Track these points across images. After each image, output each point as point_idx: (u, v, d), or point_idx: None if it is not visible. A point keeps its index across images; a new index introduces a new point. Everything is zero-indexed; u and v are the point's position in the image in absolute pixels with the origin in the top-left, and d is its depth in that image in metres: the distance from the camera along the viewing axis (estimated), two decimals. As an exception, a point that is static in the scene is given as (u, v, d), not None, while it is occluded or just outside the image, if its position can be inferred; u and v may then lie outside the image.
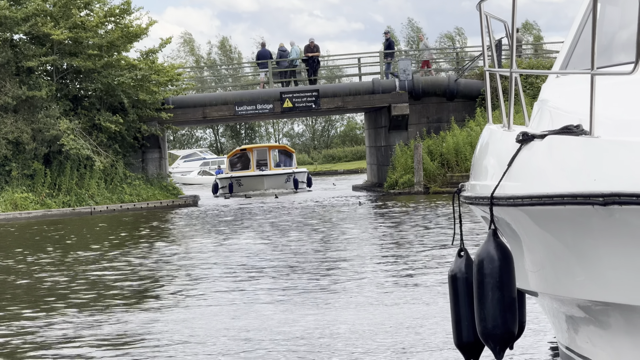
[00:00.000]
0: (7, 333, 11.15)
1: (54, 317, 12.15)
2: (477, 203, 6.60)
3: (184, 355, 9.41)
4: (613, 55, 6.89)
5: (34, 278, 16.59)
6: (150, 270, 16.94)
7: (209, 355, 9.34)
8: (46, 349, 10.12)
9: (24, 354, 9.93)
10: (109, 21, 40.36)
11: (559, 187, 5.32)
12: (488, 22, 6.87)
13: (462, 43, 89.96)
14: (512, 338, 6.25)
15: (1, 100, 37.37)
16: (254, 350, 9.43)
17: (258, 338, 10.03)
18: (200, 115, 42.09)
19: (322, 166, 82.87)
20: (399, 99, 40.84)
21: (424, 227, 22.33)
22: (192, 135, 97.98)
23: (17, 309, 13.14)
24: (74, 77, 40.70)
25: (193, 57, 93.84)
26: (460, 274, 6.75)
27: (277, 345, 9.62)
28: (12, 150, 37.48)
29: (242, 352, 9.41)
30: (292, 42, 44.79)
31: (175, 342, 10.06)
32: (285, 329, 10.43)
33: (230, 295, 13.32)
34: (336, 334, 10.00)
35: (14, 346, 10.34)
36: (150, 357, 9.46)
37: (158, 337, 10.43)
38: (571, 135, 5.44)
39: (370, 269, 15.56)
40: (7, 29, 38.01)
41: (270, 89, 42.91)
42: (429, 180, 37.98)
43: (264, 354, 9.26)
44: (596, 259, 5.49)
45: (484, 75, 7.30)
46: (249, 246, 20.38)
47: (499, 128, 6.92)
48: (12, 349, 10.21)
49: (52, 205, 36.82)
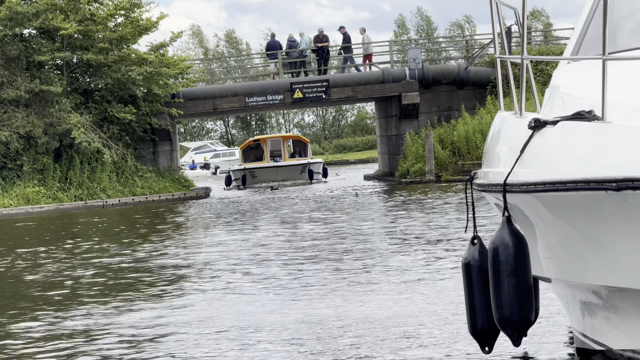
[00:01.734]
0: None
1: (75, 309, 12.23)
2: (490, 190, 6.60)
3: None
4: (624, 40, 6.88)
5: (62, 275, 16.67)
6: (174, 262, 16.99)
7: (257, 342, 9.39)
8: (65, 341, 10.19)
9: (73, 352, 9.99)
10: (119, 14, 40.37)
11: (571, 173, 5.32)
12: (498, 9, 6.87)
13: (471, 31, 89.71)
14: (529, 324, 6.26)
15: (13, 94, 37.44)
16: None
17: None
18: (210, 107, 42.08)
19: (333, 156, 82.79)
20: (409, 88, 40.77)
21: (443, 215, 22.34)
22: (202, 127, 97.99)
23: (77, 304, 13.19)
24: (85, 71, 40.73)
25: (202, 49, 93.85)
26: (474, 262, 6.75)
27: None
28: (24, 144, 37.56)
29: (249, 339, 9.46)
30: (302, 32, 44.74)
31: (199, 335, 10.10)
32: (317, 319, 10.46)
33: (260, 285, 13.36)
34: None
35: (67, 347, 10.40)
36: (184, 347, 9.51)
37: (187, 328, 10.49)
38: (583, 120, 5.44)
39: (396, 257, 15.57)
40: (17, 23, 38.06)
41: (280, 80, 42.87)
42: (440, 169, 37.93)
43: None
44: (610, 244, 5.50)
45: (495, 63, 7.29)
46: (266, 238, 20.40)
47: (510, 115, 6.91)
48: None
49: (64, 199, 36.88)
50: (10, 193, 36.61)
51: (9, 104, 37.89)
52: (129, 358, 9.18)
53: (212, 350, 9.19)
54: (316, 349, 8.91)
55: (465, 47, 53.29)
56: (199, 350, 9.23)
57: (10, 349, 9.99)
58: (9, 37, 38.12)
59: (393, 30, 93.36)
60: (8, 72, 38.04)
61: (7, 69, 38.15)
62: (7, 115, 37.62)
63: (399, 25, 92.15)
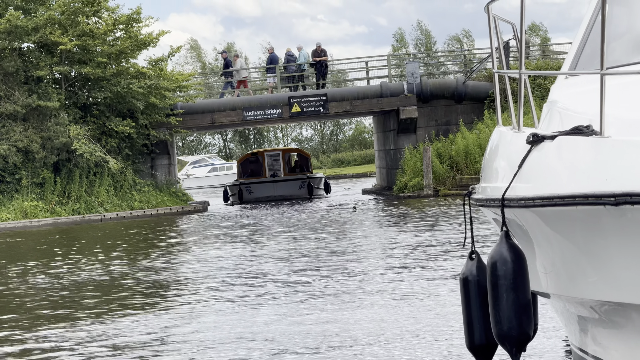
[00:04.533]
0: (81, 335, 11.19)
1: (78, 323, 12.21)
2: (489, 205, 6.59)
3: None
4: (622, 55, 6.88)
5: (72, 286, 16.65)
6: (173, 275, 16.98)
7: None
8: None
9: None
10: (118, 29, 40.44)
11: (570, 188, 5.31)
12: (496, 23, 6.86)
13: (469, 45, 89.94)
14: (528, 339, 6.24)
15: (10, 109, 37.47)
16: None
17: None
18: (208, 121, 42.13)
19: (331, 170, 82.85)
20: (407, 102, 40.83)
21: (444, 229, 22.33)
22: (200, 141, 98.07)
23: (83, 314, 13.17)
24: (83, 85, 40.77)
25: (200, 62, 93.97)
26: (471, 277, 6.74)
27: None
28: (22, 158, 37.57)
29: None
30: (300, 46, 44.85)
31: (206, 346, 10.09)
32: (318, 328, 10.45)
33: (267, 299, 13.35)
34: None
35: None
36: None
37: (189, 339, 10.47)
38: (581, 135, 5.43)
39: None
40: (16, 37, 38.11)
41: (278, 94, 42.92)
42: (438, 183, 37.94)
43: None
44: (608, 259, 5.48)
45: (493, 77, 7.30)
46: (272, 251, 20.40)
47: (508, 130, 6.91)
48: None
49: (62, 213, 36.88)
50: (8, 207, 36.61)
51: (6, 118, 37.92)
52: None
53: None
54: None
55: (464, 62, 53.40)
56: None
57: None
58: (7, 50, 38.17)
59: (391, 44, 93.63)
60: (6, 86, 38.08)
61: (5, 83, 38.19)
62: (5, 129, 37.65)
63: (397, 39, 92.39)
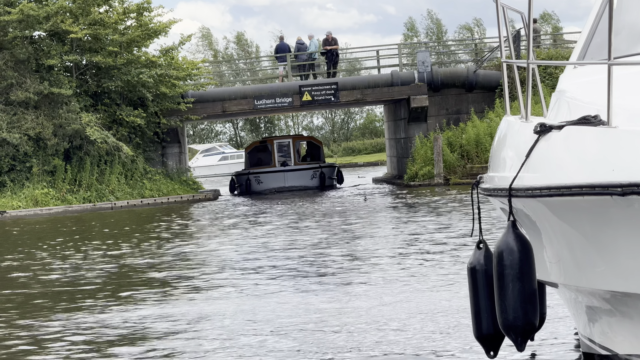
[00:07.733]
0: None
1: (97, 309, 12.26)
2: (496, 195, 6.59)
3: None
4: (630, 45, 6.87)
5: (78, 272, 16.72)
6: (192, 262, 17.02)
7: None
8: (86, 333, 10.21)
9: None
10: (129, 17, 40.48)
11: (577, 178, 5.31)
12: (505, 13, 6.85)
13: (480, 34, 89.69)
14: (533, 329, 6.24)
15: (22, 96, 37.55)
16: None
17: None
18: (219, 109, 42.12)
19: (342, 159, 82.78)
20: (418, 91, 40.78)
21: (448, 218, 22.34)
22: (211, 129, 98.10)
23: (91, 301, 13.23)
24: (94, 74, 40.80)
25: (211, 51, 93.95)
26: (479, 266, 6.74)
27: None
28: (33, 146, 37.66)
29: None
30: (311, 35, 44.77)
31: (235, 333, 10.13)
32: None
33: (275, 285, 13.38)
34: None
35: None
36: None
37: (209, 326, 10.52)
38: (589, 125, 5.43)
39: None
40: (28, 26, 38.17)
41: (289, 83, 42.87)
42: (449, 172, 37.91)
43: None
44: (615, 249, 5.49)
45: (502, 67, 7.29)
46: (277, 241, 20.43)
47: (516, 119, 6.91)
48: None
49: (73, 201, 36.96)
50: (19, 195, 36.69)
51: (18, 105, 38.01)
52: (135, 357, 9.23)
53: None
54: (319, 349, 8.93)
55: (475, 50, 53.27)
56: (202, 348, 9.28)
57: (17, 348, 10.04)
58: (19, 39, 38.25)
59: (402, 33, 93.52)
60: (17, 74, 38.14)
61: (17, 70, 38.26)
62: (17, 117, 37.73)
63: (408, 28, 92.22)
